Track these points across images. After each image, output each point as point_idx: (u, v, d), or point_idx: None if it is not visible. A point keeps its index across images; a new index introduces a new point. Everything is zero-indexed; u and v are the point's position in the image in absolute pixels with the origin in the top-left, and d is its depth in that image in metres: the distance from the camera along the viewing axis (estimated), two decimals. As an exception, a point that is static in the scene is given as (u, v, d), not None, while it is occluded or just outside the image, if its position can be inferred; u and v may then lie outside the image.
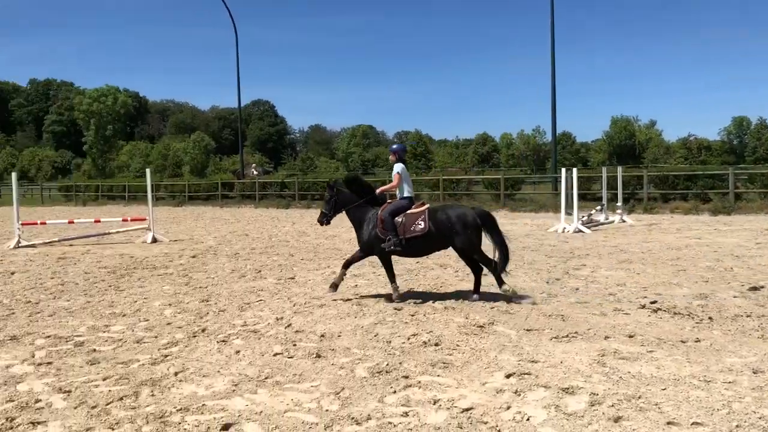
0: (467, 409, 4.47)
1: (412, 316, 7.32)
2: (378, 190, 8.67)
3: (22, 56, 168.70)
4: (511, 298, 8.01)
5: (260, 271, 11.15)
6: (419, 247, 8.24)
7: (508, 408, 4.48)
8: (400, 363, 5.55)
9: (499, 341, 6.22)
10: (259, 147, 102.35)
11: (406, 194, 8.41)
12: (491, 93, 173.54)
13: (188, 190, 41.70)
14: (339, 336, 6.56)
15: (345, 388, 4.95)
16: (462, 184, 33.22)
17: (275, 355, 5.92)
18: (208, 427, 4.23)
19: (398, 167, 8.47)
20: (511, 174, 38.06)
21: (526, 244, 14.50)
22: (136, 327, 7.21)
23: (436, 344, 6.14)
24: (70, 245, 16.25)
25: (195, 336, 6.72)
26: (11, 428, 4.31)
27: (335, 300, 8.37)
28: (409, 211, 8.20)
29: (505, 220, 21.67)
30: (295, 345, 6.24)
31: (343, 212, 8.69)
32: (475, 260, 8.25)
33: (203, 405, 4.64)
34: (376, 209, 8.36)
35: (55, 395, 4.94)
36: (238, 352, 6.04)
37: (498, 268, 8.02)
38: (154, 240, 16.35)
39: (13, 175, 18.40)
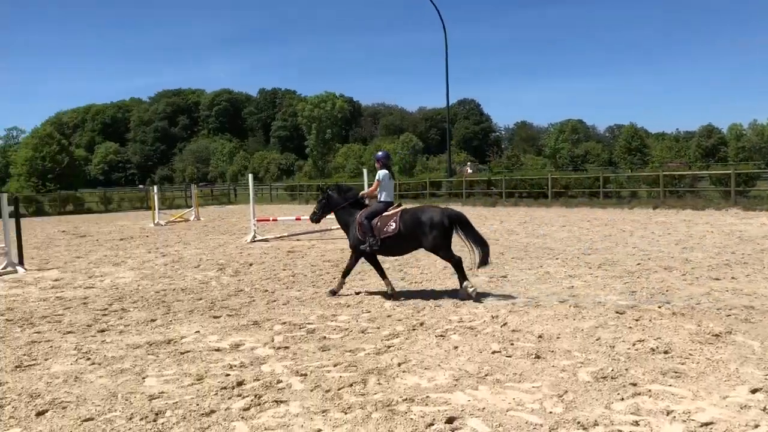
0: (707, 424, 4.12)
1: (637, 320, 6.90)
2: (360, 194, 9.39)
3: (253, 69, 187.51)
4: (471, 297, 8.30)
5: (471, 269, 11.22)
6: (393, 246, 8.85)
7: (757, 426, 4.05)
8: (627, 369, 5.26)
9: (739, 352, 5.65)
10: (464, 145, 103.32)
11: (382, 198, 9.05)
12: (716, 81, 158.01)
13: (398, 189, 43.37)
14: (558, 338, 6.39)
15: (568, 391, 4.81)
16: (685, 180, 30.65)
17: (493, 353, 5.93)
18: (434, 419, 4.36)
19: (380, 174, 9.13)
20: (743, 169, 34.31)
21: (765, 246, 12.97)
22: (359, 318, 7.65)
23: (666, 352, 5.73)
24: (297, 240, 17.70)
25: (414, 329, 6.95)
26: (259, 404, 4.80)
27: (552, 301, 8.19)
28: (384, 214, 8.83)
29: (736, 219, 19.63)
30: (512, 344, 6.20)
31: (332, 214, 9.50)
32: (442, 257, 8.75)
33: (427, 397, 4.79)
34: (360, 212, 8.97)
35: (293, 377, 5.41)
36: (456, 347, 6.15)
37: (478, 262, 8.50)
38: (370, 236, 17.20)
39: (250, 176, 20.44)
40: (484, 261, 8.50)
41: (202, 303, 8.96)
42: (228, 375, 5.53)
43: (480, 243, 8.55)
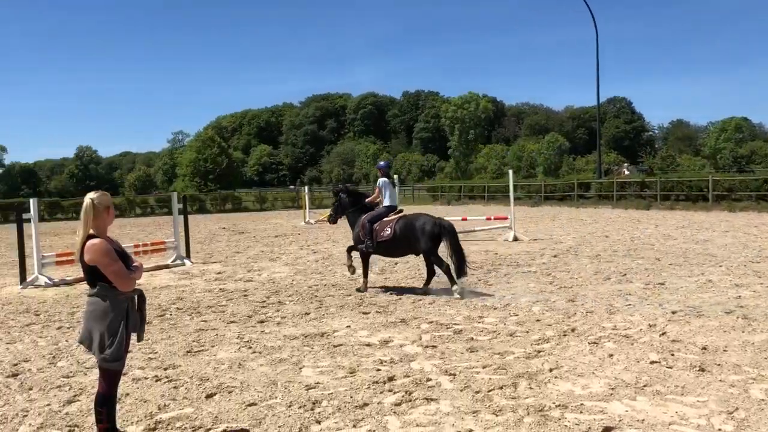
0: None
1: (818, 336, 6.26)
2: (366, 200, 10.28)
3: (397, 72, 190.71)
4: (462, 296, 9.01)
5: (625, 275, 10.73)
6: (388, 249, 9.78)
7: None
8: (808, 389, 4.79)
9: None
10: (614, 145, 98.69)
11: (386, 203, 9.91)
12: None
13: (544, 191, 42.28)
14: (725, 350, 5.94)
15: (739, 408, 4.46)
16: None
17: (652, 363, 5.63)
18: (589, 427, 4.21)
19: (380, 182, 10.06)
20: None
21: None
22: (507, 321, 7.55)
23: None
24: (441, 241, 17.79)
25: (565, 335, 6.76)
26: (410, 400, 4.88)
27: (716, 312, 7.63)
28: (385, 219, 9.69)
29: None
30: (672, 355, 5.85)
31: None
32: (431, 262, 9.56)
33: (581, 404, 4.64)
34: (365, 215, 9.89)
35: (442, 376, 5.45)
36: (611, 355, 5.90)
37: (455, 272, 9.16)
38: (515, 238, 16.94)
39: (396, 178, 20.78)
40: (460, 270, 9.16)
41: (351, 299, 9.27)
42: (379, 370, 5.68)
43: (459, 255, 9.18)
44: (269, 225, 27.89)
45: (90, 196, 4.00)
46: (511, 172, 19.20)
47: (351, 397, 4.98)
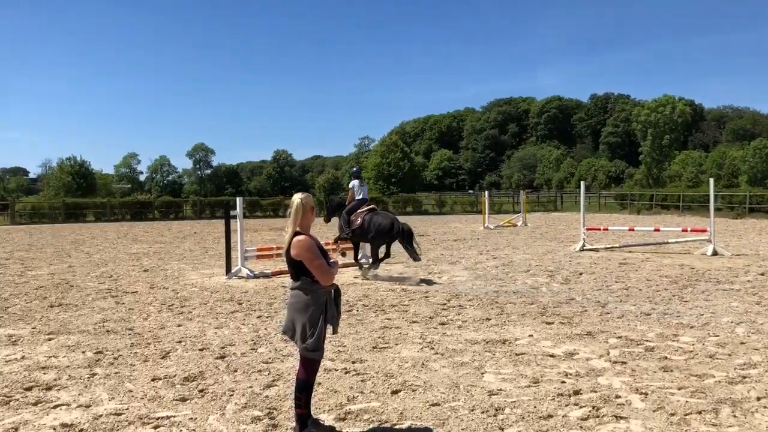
0: None
1: None
2: (346, 201, 12.92)
3: (584, 74, 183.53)
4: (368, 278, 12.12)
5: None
6: (359, 236, 12.39)
7: None
8: None
9: None
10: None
11: (357, 197, 12.66)
12: None
13: (749, 202, 38.36)
14: None
15: None
16: None
17: None
18: (807, 468, 3.77)
19: (352, 183, 12.88)
20: None
21: None
22: (706, 341, 6.98)
23: None
24: (630, 252, 16.84)
25: (776, 362, 6.10)
26: (597, 416, 4.69)
27: None
28: (358, 210, 12.38)
29: None
30: None
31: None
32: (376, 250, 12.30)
33: (797, 441, 4.17)
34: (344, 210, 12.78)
35: (632, 394, 5.17)
36: (834, 389, 5.23)
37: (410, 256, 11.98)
38: (715, 253, 15.57)
39: (582, 184, 20.04)
40: (414, 257, 11.92)
41: (533, 308, 9.09)
42: (563, 382, 5.52)
43: (412, 250, 11.80)
44: (448, 229, 28.16)
45: (299, 197, 4.33)
46: (711, 180, 17.69)
47: (535, 407, 4.90)
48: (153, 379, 5.71)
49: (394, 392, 5.34)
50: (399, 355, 6.58)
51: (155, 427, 4.58)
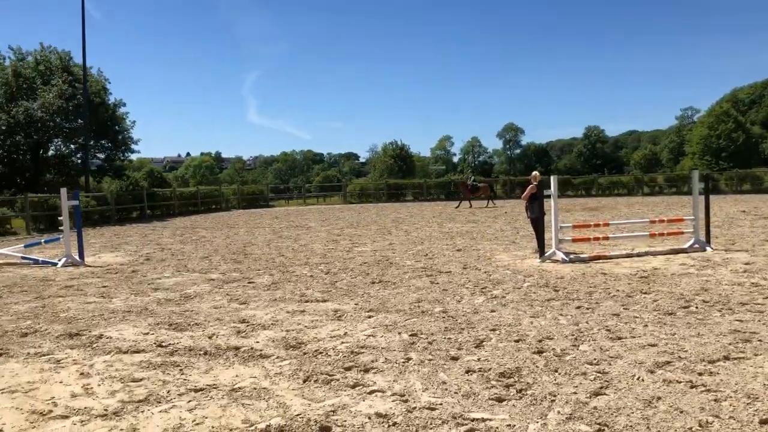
0: None
1: None
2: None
3: None
4: None
5: None
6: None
7: None
8: None
9: None
10: None
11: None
12: None
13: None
14: None
15: None
16: None
17: None
18: None
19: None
20: None
21: None
22: None
23: None
24: None
25: None
26: None
27: None
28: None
29: None
30: None
31: None
32: None
33: None
34: None
35: None
36: None
37: None
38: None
39: None
40: None
41: None
42: None
43: None
44: (802, 210, 23.66)
45: None
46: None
47: None
48: (467, 371, 5.33)
49: (763, 422, 4.14)
50: (762, 369, 5.23)
51: (470, 430, 4.14)
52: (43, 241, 15.99)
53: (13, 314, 8.37)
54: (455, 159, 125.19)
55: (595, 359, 5.60)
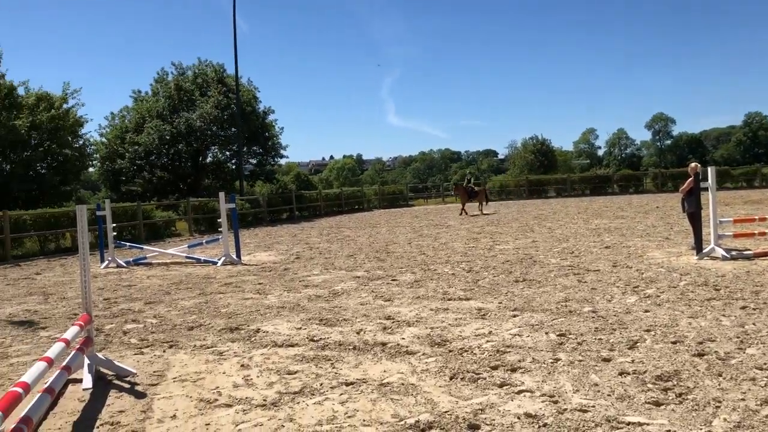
0: None
1: None
2: None
3: None
4: None
5: None
6: None
7: None
8: None
9: None
10: None
11: None
12: None
13: None
14: None
15: None
16: None
17: None
18: None
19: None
20: None
21: None
22: None
23: None
24: None
25: None
26: None
27: None
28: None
29: None
30: None
31: None
32: None
33: None
34: None
35: None
36: None
37: None
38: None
39: None
40: None
41: None
42: None
43: None
44: None
45: None
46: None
47: None
48: (620, 373, 5.10)
49: None
50: None
51: (625, 434, 3.97)
52: (204, 241, 17.24)
53: (181, 309, 9.11)
54: (599, 152, 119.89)
55: (765, 363, 5.16)
